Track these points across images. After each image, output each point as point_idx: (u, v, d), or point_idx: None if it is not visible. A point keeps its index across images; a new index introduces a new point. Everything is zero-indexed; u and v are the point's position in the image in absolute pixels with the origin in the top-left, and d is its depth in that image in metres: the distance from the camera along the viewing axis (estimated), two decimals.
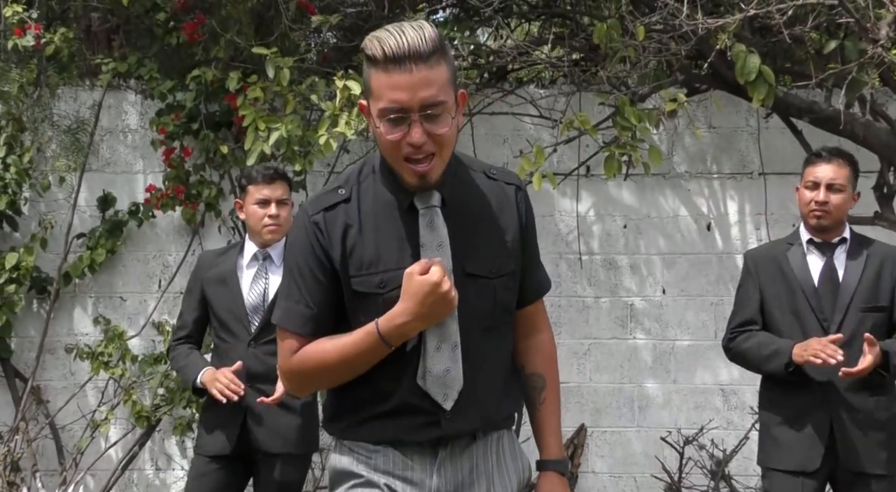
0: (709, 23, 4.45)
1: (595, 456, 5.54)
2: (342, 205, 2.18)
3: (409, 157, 2.09)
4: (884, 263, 3.63)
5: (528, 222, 2.31)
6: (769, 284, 3.70)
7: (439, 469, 2.20)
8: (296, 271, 2.20)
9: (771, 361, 3.58)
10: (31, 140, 5.49)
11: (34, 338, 5.51)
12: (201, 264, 4.01)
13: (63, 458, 5.46)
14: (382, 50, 2.04)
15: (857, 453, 3.50)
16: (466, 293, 2.15)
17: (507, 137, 5.64)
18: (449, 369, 2.15)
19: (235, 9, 5.20)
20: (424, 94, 2.04)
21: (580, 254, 5.60)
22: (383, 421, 2.18)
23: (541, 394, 2.33)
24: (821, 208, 3.62)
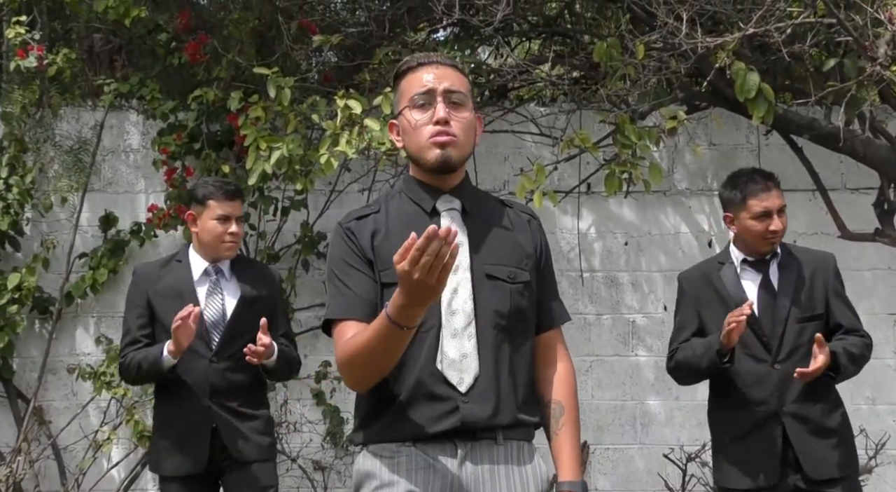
0: (708, 41, 4.46)
1: (598, 473, 5.53)
2: (372, 215, 2.41)
3: (434, 134, 2.32)
4: (815, 271, 3.67)
5: (544, 249, 2.48)
6: (705, 306, 3.73)
7: (460, 465, 2.27)
8: (338, 272, 2.38)
9: (704, 357, 3.59)
10: (33, 160, 5.51)
11: (36, 358, 5.51)
12: (144, 277, 3.91)
13: (65, 479, 5.45)
14: (415, 60, 2.39)
15: (817, 460, 3.52)
16: (485, 292, 2.32)
17: (507, 154, 5.66)
18: (466, 355, 2.28)
19: (237, 29, 5.23)
20: (448, 83, 2.35)
21: (581, 271, 5.60)
22: (405, 415, 2.27)
23: (559, 420, 2.42)
24: (777, 236, 3.66)
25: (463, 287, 2.33)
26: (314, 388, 5.50)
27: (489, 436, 2.30)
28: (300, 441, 5.52)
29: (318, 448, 5.53)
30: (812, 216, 5.52)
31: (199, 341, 3.78)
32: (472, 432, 2.28)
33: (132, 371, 3.84)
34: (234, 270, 3.94)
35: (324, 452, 5.54)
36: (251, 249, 5.50)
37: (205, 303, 3.84)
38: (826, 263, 3.72)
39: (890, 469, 5.37)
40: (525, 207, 2.54)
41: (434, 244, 2.00)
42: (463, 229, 2.36)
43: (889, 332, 5.48)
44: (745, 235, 3.70)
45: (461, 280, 2.33)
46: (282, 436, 5.48)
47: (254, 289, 3.92)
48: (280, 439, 5.47)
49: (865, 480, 5.17)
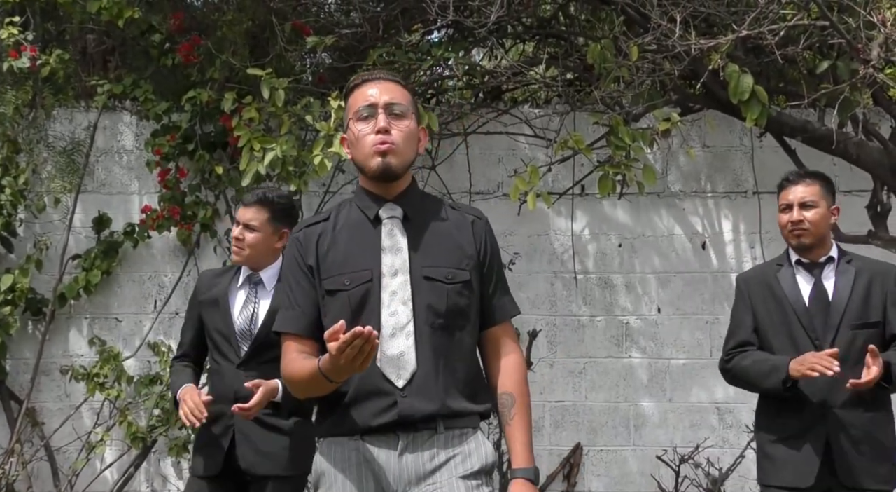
0: (702, 43, 4.47)
1: (591, 475, 5.53)
2: (321, 223, 2.61)
3: (374, 143, 2.50)
4: (873, 279, 3.65)
5: (487, 248, 2.63)
6: (761, 306, 3.73)
7: (401, 456, 2.45)
8: (286, 281, 2.61)
9: (769, 377, 3.59)
10: (26, 161, 5.50)
11: (29, 360, 5.50)
12: (199, 286, 3.98)
13: (58, 480, 5.44)
14: (360, 77, 2.59)
15: (854, 469, 3.51)
16: (422, 293, 2.49)
17: (501, 156, 5.66)
18: (403, 353, 2.45)
19: (231, 30, 5.22)
20: (388, 96, 2.54)
21: (575, 273, 5.61)
22: (351, 412, 2.46)
23: (510, 410, 2.56)
24: (797, 227, 3.66)
25: (402, 290, 2.49)
26: None
27: (429, 426, 2.46)
28: None
29: None
30: None
31: (230, 348, 3.79)
32: (413, 423, 2.44)
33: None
34: (278, 282, 3.82)
35: None
36: None
37: (238, 311, 3.83)
38: (887, 272, 3.70)
39: None
40: (472, 208, 2.72)
41: (357, 341, 2.23)
42: (403, 235, 2.54)
43: None
44: (781, 231, 3.76)
45: (400, 283, 2.49)
46: None
47: None
48: None
49: None
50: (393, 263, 2.51)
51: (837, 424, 3.54)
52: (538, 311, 5.54)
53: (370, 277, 2.49)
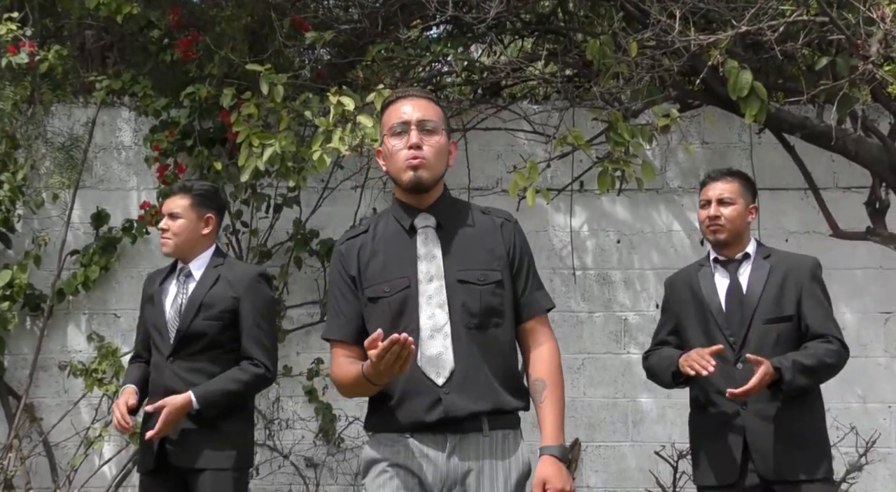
0: (701, 39, 4.47)
1: (589, 471, 5.53)
2: (361, 235, 2.82)
3: (407, 158, 2.70)
4: (788, 273, 3.68)
5: (517, 247, 2.81)
6: (683, 306, 3.80)
7: (448, 458, 2.63)
8: (332, 291, 2.82)
9: (666, 372, 3.71)
10: (24, 157, 5.49)
11: (27, 355, 5.50)
12: (144, 286, 4.05)
13: (57, 475, 5.44)
14: (394, 94, 2.82)
15: (772, 461, 3.53)
16: (457, 296, 2.68)
17: (500, 152, 5.66)
18: (441, 353, 2.64)
19: (229, 26, 5.21)
20: (421, 114, 2.73)
21: (574, 269, 5.61)
22: (399, 409, 2.65)
23: (542, 394, 2.75)
24: (714, 223, 3.72)
25: (437, 294, 2.68)
26: (306, 385, 5.50)
27: (475, 427, 2.64)
28: (292, 438, 5.52)
29: (310, 445, 5.53)
30: (804, 215, 5.53)
31: (162, 341, 3.83)
32: (459, 423, 2.63)
33: None
34: (205, 272, 3.88)
35: (316, 448, 5.53)
36: (243, 246, 5.50)
37: (169, 304, 3.87)
38: (802, 265, 3.72)
39: (880, 467, 5.38)
40: (501, 211, 2.89)
41: (395, 348, 2.45)
42: (437, 242, 2.74)
43: (880, 330, 5.50)
44: (700, 227, 3.85)
45: (436, 288, 2.69)
46: (274, 433, 5.48)
47: (213, 291, 3.82)
48: (272, 436, 5.47)
49: (856, 477, 5.20)
50: (428, 269, 2.70)
51: (754, 418, 3.57)
52: None
53: (408, 283, 2.70)
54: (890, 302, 5.50)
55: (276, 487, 5.51)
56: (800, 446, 3.56)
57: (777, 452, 3.54)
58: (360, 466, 2.89)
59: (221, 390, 3.75)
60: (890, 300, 5.50)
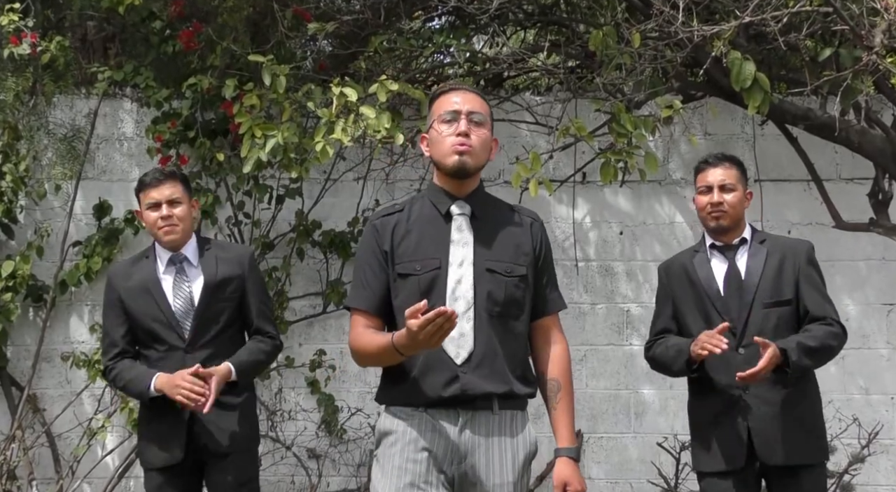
0: (704, 30, 4.46)
1: (592, 462, 5.54)
2: (396, 214, 2.93)
3: (455, 143, 2.82)
4: (785, 257, 3.70)
5: (543, 247, 2.96)
6: (679, 292, 3.79)
7: (461, 432, 2.76)
8: (361, 263, 2.92)
9: (676, 361, 3.68)
10: (26, 148, 5.49)
11: (30, 346, 5.50)
12: (115, 279, 3.90)
13: (59, 466, 5.45)
14: (449, 86, 2.95)
15: (773, 447, 3.55)
16: (484, 283, 2.81)
17: (503, 143, 5.63)
18: (463, 334, 2.75)
19: (231, 17, 5.20)
20: (471, 106, 2.87)
21: (576, 260, 5.60)
22: (416, 384, 2.77)
23: (556, 395, 2.91)
24: (717, 209, 3.73)
25: (466, 279, 2.79)
26: (308, 376, 5.50)
27: (486, 406, 2.77)
28: (294, 429, 5.53)
29: (312, 436, 5.54)
30: (807, 206, 5.52)
31: (171, 333, 3.77)
32: (472, 400, 2.75)
33: (117, 385, 3.88)
34: (201, 256, 3.88)
35: (318, 440, 5.54)
36: (246, 237, 5.50)
37: (172, 293, 3.81)
38: (798, 249, 3.75)
39: (882, 458, 5.38)
40: (530, 211, 3.01)
41: (439, 320, 2.52)
42: (470, 231, 2.85)
43: (882, 322, 5.49)
44: (698, 213, 3.83)
45: (465, 273, 2.80)
46: (276, 424, 5.49)
47: (220, 272, 3.84)
48: (274, 427, 5.48)
49: (858, 468, 5.20)
50: (460, 254, 2.82)
51: (756, 404, 3.58)
52: None
53: (439, 265, 2.81)
54: (892, 293, 5.49)
55: (278, 478, 5.52)
56: (801, 431, 3.59)
57: (779, 437, 3.55)
58: (375, 436, 2.92)
59: (253, 361, 3.84)
60: (892, 292, 5.49)
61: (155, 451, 3.81)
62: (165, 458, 3.77)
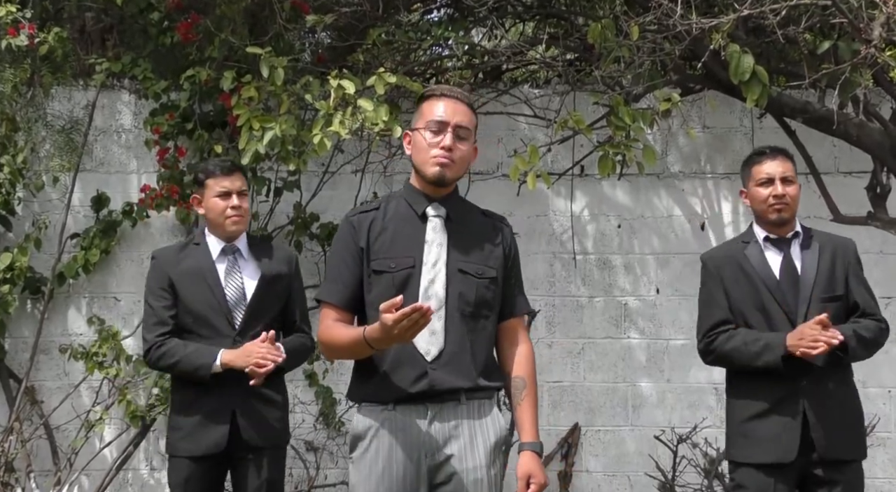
0: (703, 23, 4.45)
1: (589, 455, 5.55)
2: (372, 211, 3.01)
3: (437, 156, 2.90)
4: (836, 253, 3.73)
5: (512, 252, 3.07)
6: (732, 284, 3.75)
7: (430, 424, 2.86)
8: (335, 258, 3.01)
9: (762, 356, 3.59)
10: (24, 140, 5.48)
11: (28, 338, 5.50)
12: (165, 261, 3.93)
13: (57, 458, 5.45)
14: (439, 90, 2.99)
15: (831, 441, 3.56)
16: (456, 284, 2.91)
17: (501, 136, 5.65)
18: (434, 332, 2.85)
19: (230, 8, 5.19)
20: (459, 119, 2.94)
21: (574, 253, 5.60)
22: (386, 380, 2.86)
23: (521, 393, 3.01)
24: (780, 202, 3.71)
25: (438, 279, 2.90)
26: (307, 369, 5.50)
27: (454, 398, 2.87)
28: (293, 422, 5.48)
29: (310, 429, 5.54)
30: (805, 200, 5.45)
31: (222, 320, 3.80)
32: (440, 395, 2.85)
33: (165, 362, 3.83)
34: (251, 249, 3.97)
35: (316, 432, 5.55)
36: None
37: (224, 282, 3.86)
38: (847, 246, 3.78)
39: (880, 451, 5.40)
40: (500, 216, 3.13)
41: (415, 315, 2.62)
42: (445, 232, 2.95)
43: None
44: (754, 205, 3.78)
45: (438, 273, 2.90)
46: None
47: (272, 268, 3.95)
48: None
49: None
50: (433, 254, 2.91)
51: (811, 396, 3.58)
52: (537, 291, 5.54)
53: (413, 263, 2.91)
54: (890, 287, 5.49)
55: None
56: (851, 426, 3.62)
57: (834, 431, 3.56)
58: (348, 439, 2.99)
59: (296, 350, 3.92)
60: (890, 285, 5.49)
61: (194, 439, 3.79)
62: (207, 446, 3.77)
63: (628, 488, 5.52)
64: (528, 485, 2.92)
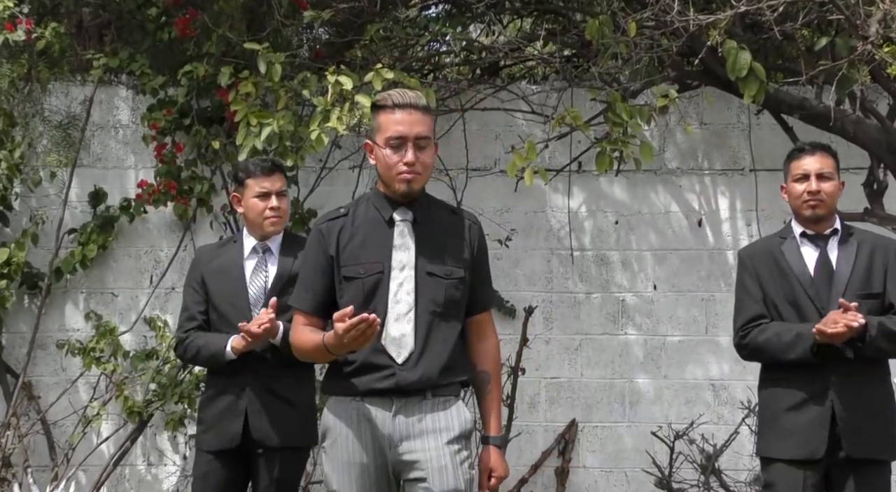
0: (700, 19, 4.45)
1: (586, 451, 5.55)
2: (341, 218, 3.06)
3: (402, 172, 2.95)
4: (875, 251, 3.68)
5: (478, 248, 3.11)
6: (767, 279, 3.72)
7: (394, 417, 2.94)
8: (306, 266, 3.10)
9: (794, 347, 3.57)
10: (21, 135, 5.48)
11: (25, 334, 5.50)
12: (202, 257, 4.01)
13: (55, 453, 5.46)
14: (391, 99, 2.97)
15: (858, 439, 3.53)
16: (424, 286, 2.98)
17: (498, 132, 5.65)
18: (404, 335, 2.94)
19: (227, 4, 5.19)
20: (418, 129, 2.96)
21: (572, 250, 5.61)
22: (356, 377, 2.95)
23: (487, 386, 3.10)
24: (814, 198, 3.67)
25: (407, 283, 2.96)
26: None
27: (419, 394, 2.95)
28: None
29: None
30: None
31: (241, 316, 3.80)
32: (406, 391, 2.93)
33: (189, 354, 3.93)
34: (283, 247, 3.94)
35: None
36: (241, 225, 5.48)
37: (250, 279, 3.88)
38: (888, 246, 3.73)
39: None
40: (469, 213, 3.19)
41: (362, 325, 2.72)
42: (412, 236, 3.00)
43: None
44: (791, 200, 3.75)
45: (406, 277, 2.97)
46: None
47: (296, 267, 3.83)
48: None
49: None
50: (402, 259, 2.97)
51: (842, 392, 3.55)
52: (534, 287, 5.55)
53: (382, 269, 2.96)
54: None
55: None
56: (882, 424, 3.58)
57: (863, 429, 3.53)
58: (320, 430, 3.10)
59: None
60: None
61: (211, 433, 3.86)
62: (221, 441, 3.82)
63: (625, 483, 5.53)
64: (489, 478, 3.02)
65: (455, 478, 2.91)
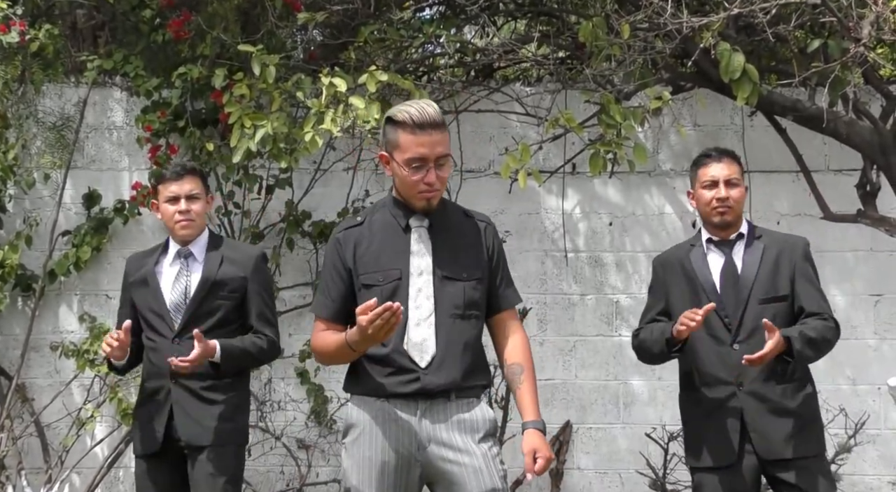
0: (693, 21, 4.47)
1: (580, 452, 5.56)
2: (357, 227, 3.11)
3: (423, 191, 2.98)
4: (781, 253, 3.69)
5: (495, 249, 3.15)
6: (674, 286, 3.77)
7: (420, 421, 2.98)
8: (324, 274, 3.15)
9: (657, 343, 3.68)
10: (15, 137, 5.47)
11: (19, 336, 5.49)
12: (128, 269, 4.03)
13: (48, 456, 5.45)
14: (412, 118, 2.93)
15: (769, 441, 3.56)
16: (443, 289, 3.02)
17: (492, 134, 5.65)
18: (426, 339, 2.98)
19: (221, 6, 5.19)
20: (439, 150, 2.96)
21: (566, 251, 5.61)
22: (381, 380, 2.99)
23: (519, 377, 3.10)
24: (723, 205, 3.69)
25: (426, 287, 3.01)
26: (298, 366, 5.51)
27: (444, 396, 2.99)
28: (284, 420, 5.53)
29: (301, 427, 5.55)
30: (795, 197, 5.54)
31: (163, 323, 3.86)
32: (431, 394, 2.97)
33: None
34: (208, 252, 3.93)
35: (308, 430, 5.55)
36: (236, 227, 5.49)
37: (171, 286, 3.89)
38: (794, 245, 3.74)
39: (869, 448, 5.41)
40: (481, 215, 3.21)
41: (386, 314, 2.76)
42: (428, 241, 3.04)
43: (870, 313, 5.52)
44: (699, 207, 3.78)
45: (424, 282, 3.01)
46: (265, 415, 5.49)
47: (222, 270, 3.89)
48: (264, 417, 5.48)
49: (845, 458, 5.23)
50: (419, 264, 3.02)
51: (749, 398, 3.59)
52: (528, 289, 5.54)
53: (400, 275, 3.01)
54: (880, 284, 5.52)
55: (267, 468, 5.53)
56: (797, 425, 3.59)
57: (774, 431, 3.57)
58: (342, 426, 3.12)
59: (242, 349, 3.86)
60: (880, 282, 5.52)
61: (139, 438, 3.92)
62: (146, 445, 3.87)
63: (619, 485, 5.54)
64: (535, 460, 2.99)
65: (491, 478, 2.95)
